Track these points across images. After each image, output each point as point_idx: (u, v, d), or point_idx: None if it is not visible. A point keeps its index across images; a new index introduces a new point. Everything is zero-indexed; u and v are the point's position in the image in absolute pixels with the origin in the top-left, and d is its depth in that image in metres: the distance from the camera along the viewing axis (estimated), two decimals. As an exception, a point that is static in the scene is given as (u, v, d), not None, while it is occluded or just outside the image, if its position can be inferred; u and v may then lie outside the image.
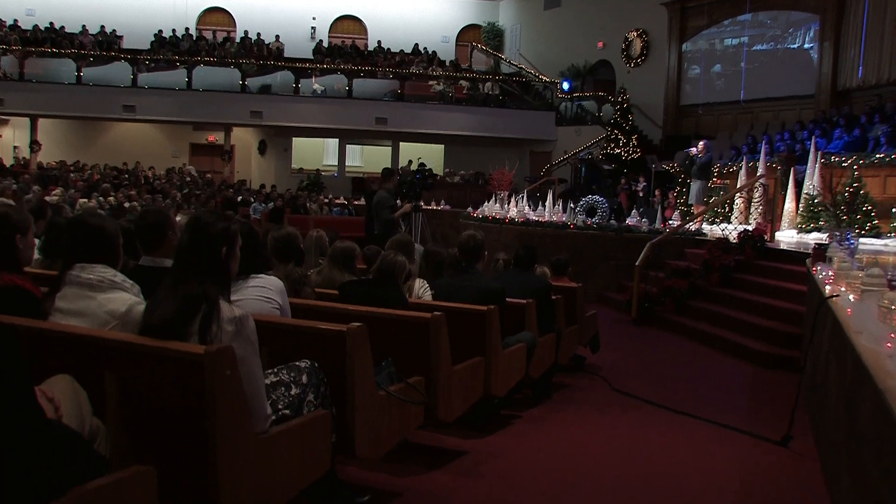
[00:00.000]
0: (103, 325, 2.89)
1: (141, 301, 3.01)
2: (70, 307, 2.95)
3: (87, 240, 3.04)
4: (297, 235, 4.84)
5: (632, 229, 12.28)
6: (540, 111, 26.33)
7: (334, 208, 21.36)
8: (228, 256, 2.91)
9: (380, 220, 9.83)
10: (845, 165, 13.83)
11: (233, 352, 2.59)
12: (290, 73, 25.79)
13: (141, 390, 2.68)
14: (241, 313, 2.80)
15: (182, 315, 2.70)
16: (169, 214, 4.02)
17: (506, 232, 13.19)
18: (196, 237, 2.85)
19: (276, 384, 3.11)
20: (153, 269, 3.87)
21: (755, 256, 10.47)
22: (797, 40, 21.46)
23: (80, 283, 2.97)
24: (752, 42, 22.55)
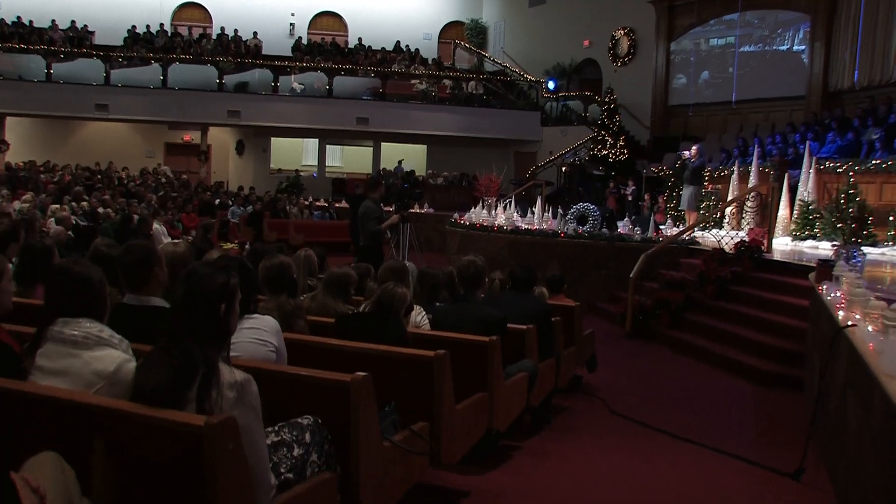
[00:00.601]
0: (89, 386, 2.70)
1: (130, 358, 2.82)
2: (52, 366, 2.76)
3: (70, 291, 2.84)
4: (290, 265, 4.65)
5: (624, 238, 12.17)
6: (525, 111, 26.18)
7: (315, 212, 21.13)
8: (228, 313, 2.72)
9: (366, 231, 9.64)
10: (840, 171, 13.79)
11: (235, 422, 2.41)
12: (269, 71, 25.47)
13: (133, 462, 2.50)
14: (243, 377, 2.62)
15: (178, 380, 2.51)
16: (155, 249, 3.83)
17: (494, 240, 13.03)
18: (192, 293, 2.66)
19: (277, 444, 2.93)
20: (138, 309, 3.68)
21: (752, 268, 10.38)
22: (787, 41, 21.44)
23: (63, 339, 2.77)
24: (742, 42, 22.51)
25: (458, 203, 23.76)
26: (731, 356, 8.83)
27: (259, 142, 27.18)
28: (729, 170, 16.91)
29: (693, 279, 10.62)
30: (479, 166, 27.12)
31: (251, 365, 3.33)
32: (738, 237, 11.09)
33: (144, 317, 3.65)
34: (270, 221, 19.50)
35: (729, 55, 22.92)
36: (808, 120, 18.84)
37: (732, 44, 22.90)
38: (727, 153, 18.70)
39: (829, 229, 13.04)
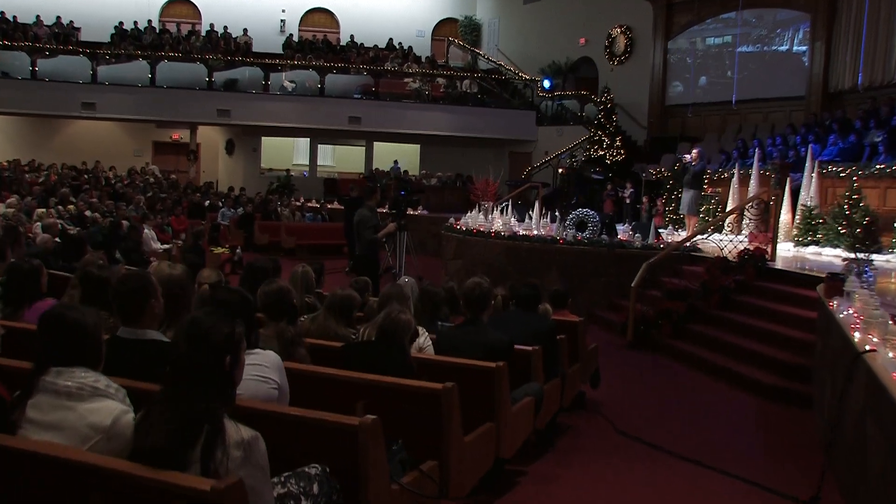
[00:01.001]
0: (84, 441, 2.57)
1: (128, 409, 2.68)
2: (44, 419, 2.62)
3: (63, 340, 2.71)
4: (290, 290, 4.52)
5: (624, 245, 12.06)
6: (520, 110, 26.07)
7: (307, 213, 20.96)
8: (233, 365, 2.59)
9: (362, 239, 9.51)
10: (843, 176, 13.71)
11: (243, 486, 2.29)
12: (259, 69, 25.29)
13: (131, 527, 2.37)
14: (251, 435, 2.49)
15: (181, 440, 2.38)
16: (151, 279, 3.69)
17: (491, 246, 12.91)
18: (195, 347, 2.52)
19: (284, 497, 2.81)
20: (133, 343, 3.55)
21: (756, 277, 10.29)
22: (786, 40, 21.38)
23: (56, 391, 2.64)
24: (741, 41, 22.43)
25: (452, 204, 23.63)
26: (735, 369, 8.74)
27: (249, 141, 27.00)
28: (728, 172, 16.84)
29: (695, 288, 10.52)
30: (474, 166, 27.00)
31: (253, 406, 3.21)
32: (740, 243, 10.97)
33: (140, 351, 3.52)
34: (261, 224, 19.35)
35: (727, 54, 22.84)
36: (808, 121, 18.76)
37: (731, 43, 22.82)
38: (726, 155, 18.63)
39: (832, 235, 12.96)
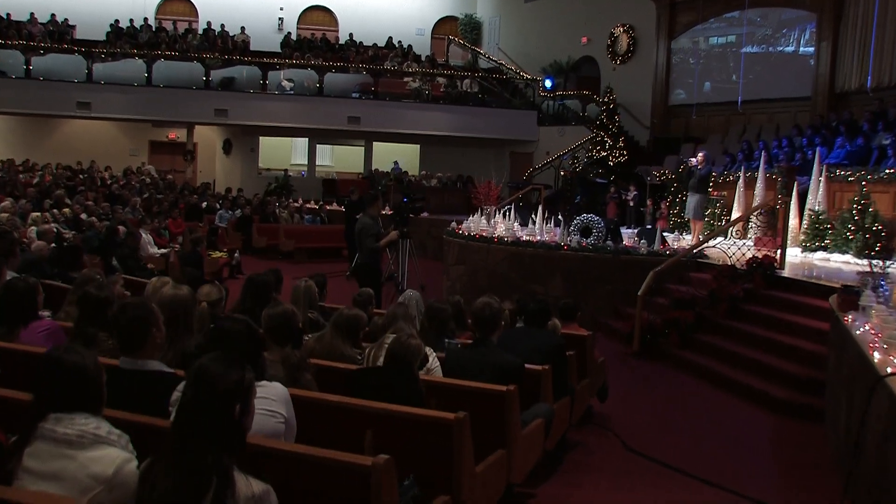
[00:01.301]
0: (85, 491, 2.46)
1: (132, 457, 2.58)
2: (43, 468, 2.51)
3: (63, 385, 2.60)
4: (295, 313, 4.42)
5: (630, 251, 11.95)
6: (521, 110, 25.94)
7: (306, 215, 20.84)
8: (243, 414, 2.48)
9: (363, 248, 9.40)
10: (851, 180, 13.62)
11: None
12: (257, 69, 25.17)
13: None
14: (262, 489, 2.38)
15: (188, 493, 2.27)
16: (152, 308, 3.58)
17: (494, 252, 12.80)
18: (203, 395, 2.41)
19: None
20: (133, 374, 3.45)
21: (765, 286, 10.19)
22: (792, 40, 21.28)
23: (55, 438, 2.53)
24: (746, 40, 22.34)
25: (453, 206, 23.53)
26: (745, 382, 8.65)
27: (247, 141, 26.88)
28: (734, 175, 16.74)
29: (703, 296, 10.42)
30: (475, 167, 26.97)
31: (259, 443, 3.10)
32: (747, 249, 10.85)
33: (141, 383, 3.42)
34: (259, 226, 19.23)
35: (731, 54, 22.75)
36: (814, 122, 18.68)
37: (735, 43, 22.73)
38: (731, 157, 18.53)
39: (840, 241, 12.88)
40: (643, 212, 18.39)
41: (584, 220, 12.46)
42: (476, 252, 13.13)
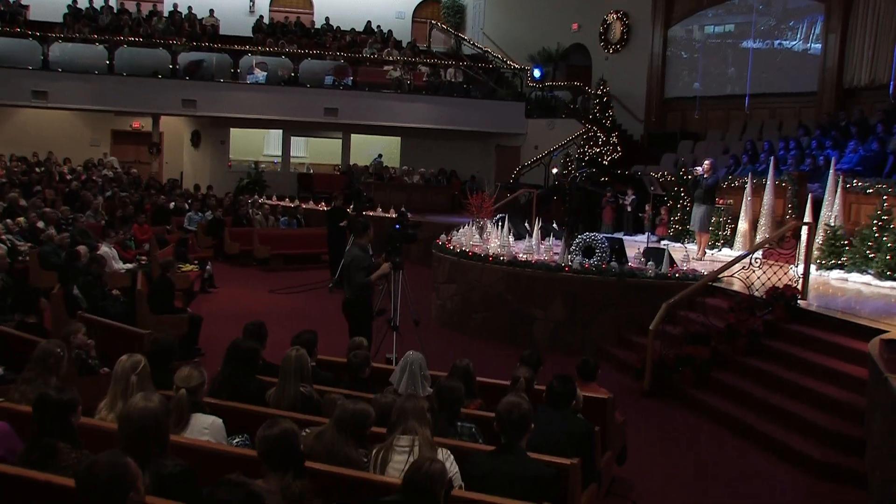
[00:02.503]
0: None
1: None
2: None
3: None
4: (296, 434, 3.87)
5: (636, 274, 11.47)
6: (508, 101, 25.35)
7: (281, 217, 20.19)
8: None
9: (353, 283, 8.85)
10: (871, 192, 13.19)
11: None
12: (227, 56, 24.42)
13: None
14: None
15: None
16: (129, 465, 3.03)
17: (489, 272, 12.28)
18: None
19: None
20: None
21: (787, 318, 9.75)
22: (797, 31, 20.86)
23: None
24: (746, 30, 21.92)
25: (436, 204, 23.04)
26: (768, 432, 8.21)
27: (217, 133, 26.13)
28: (740, 181, 16.31)
29: (719, 327, 9.97)
30: (459, 161, 26.48)
31: None
32: (766, 277, 10.37)
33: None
34: (232, 231, 18.59)
35: (731, 45, 22.34)
36: (822, 122, 18.30)
37: (735, 32, 22.31)
38: (735, 158, 18.09)
39: (859, 260, 12.47)
40: (642, 217, 17.93)
41: (587, 240, 11.96)
42: (469, 271, 12.61)
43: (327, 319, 11.99)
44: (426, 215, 21.37)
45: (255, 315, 13.67)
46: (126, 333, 7.96)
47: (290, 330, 12.44)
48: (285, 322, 12.82)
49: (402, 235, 9.29)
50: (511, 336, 12.04)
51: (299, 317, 13.38)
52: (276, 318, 13.24)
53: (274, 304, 14.56)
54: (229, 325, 12.52)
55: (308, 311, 13.88)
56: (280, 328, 12.62)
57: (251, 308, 14.01)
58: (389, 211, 20.62)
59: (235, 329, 12.36)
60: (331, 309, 13.07)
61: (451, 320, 13.03)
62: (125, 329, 8.02)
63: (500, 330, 12.19)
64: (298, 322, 12.87)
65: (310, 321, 13.08)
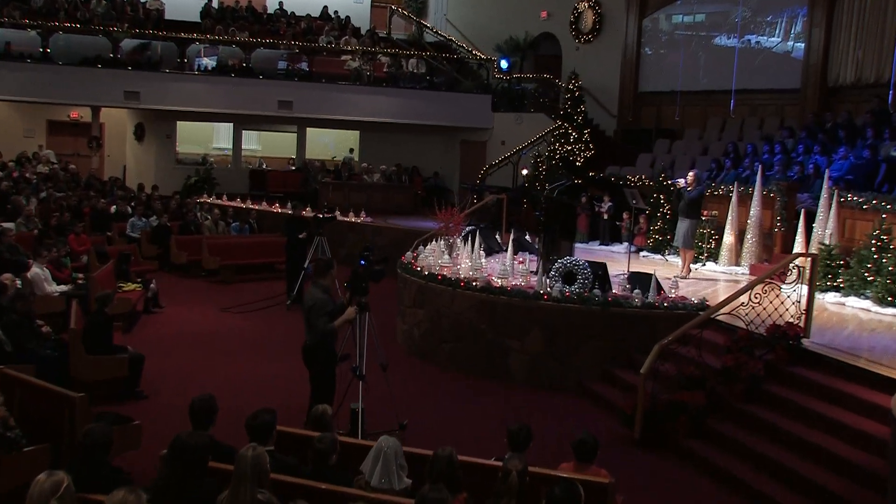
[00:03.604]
0: None
1: None
2: None
3: None
4: None
5: (621, 303, 10.85)
6: (473, 94, 24.65)
7: (232, 223, 19.31)
8: None
9: (314, 329, 8.12)
10: (867, 208, 12.70)
11: None
12: (173, 45, 23.37)
13: None
14: None
15: None
16: None
17: (460, 298, 11.57)
18: None
19: None
20: None
21: (789, 360, 9.20)
22: (780, 25, 20.40)
23: None
24: (727, 22, 21.41)
25: (397, 205, 22.37)
26: (770, 494, 7.65)
27: (162, 126, 24.99)
28: (724, 188, 15.80)
29: (715, 368, 9.40)
30: (421, 156, 25.78)
31: None
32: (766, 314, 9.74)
33: None
34: (179, 239, 17.68)
35: (710, 37, 21.81)
36: (808, 123, 17.93)
37: (714, 24, 21.80)
38: (717, 162, 17.57)
39: (857, 283, 11.99)
40: (619, 226, 17.36)
41: (567, 265, 11.32)
42: (438, 296, 11.91)
43: (287, 349, 11.28)
44: (388, 218, 20.72)
45: (205, 340, 12.94)
46: (53, 396, 7.14)
47: (247, 361, 11.77)
48: (240, 352, 12.07)
49: (368, 273, 8.55)
50: (485, 369, 11.39)
51: (256, 344, 12.61)
52: (229, 345, 12.50)
53: (226, 325, 13.76)
54: (176, 354, 11.77)
55: (266, 336, 13.13)
56: (235, 360, 11.88)
57: (200, 332, 13.22)
58: (349, 214, 19.86)
59: (183, 361, 11.65)
60: (290, 331, 12.35)
61: (419, 348, 12.34)
62: (53, 391, 7.19)
63: (472, 362, 11.53)
64: (255, 352, 12.14)
65: (268, 347, 12.38)
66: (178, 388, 10.06)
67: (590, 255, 16.04)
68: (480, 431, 9.14)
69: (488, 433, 8.78)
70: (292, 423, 8.42)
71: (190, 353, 11.88)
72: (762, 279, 9.60)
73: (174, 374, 10.79)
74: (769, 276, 9.64)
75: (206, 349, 12.17)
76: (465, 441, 8.87)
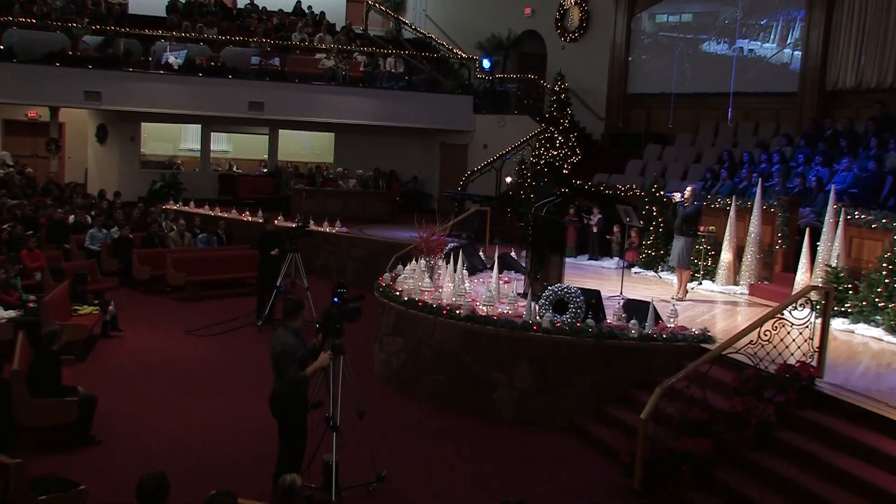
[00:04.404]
0: None
1: None
2: None
3: None
4: None
5: (617, 334, 10.24)
6: (454, 95, 24.08)
7: (199, 234, 18.56)
8: None
9: (284, 378, 7.45)
10: (876, 227, 12.15)
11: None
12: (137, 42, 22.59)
13: None
14: None
15: None
16: None
17: (442, 328, 10.92)
18: None
19: None
20: None
21: (802, 403, 8.63)
22: (777, 27, 19.89)
23: None
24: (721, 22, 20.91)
25: (375, 213, 21.83)
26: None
27: (126, 127, 24.13)
28: (720, 201, 15.25)
29: (721, 409, 8.81)
30: (400, 160, 25.20)
31: None
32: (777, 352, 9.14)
33: None
34: (141, 253, 16.93)
35: (703, 37, 21.27)
36: (806, 129, 17.45)
37: (707, 24, 21.28)
38: (711, 172, 17.06)
39: (868, 310, 11.44)
40: (609, 240, 16.77)
41: (559, 292, 10.70)
42: (419, 324, 11.26)
43: (256, 380, 10.62)
44: (365, 228, 20.10)
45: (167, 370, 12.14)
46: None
47: (212, 396, 11.02)
48: (206, 385, 11.34)
49: (342, 313, 7.89)
50: (470, 404, 10.75)
51: (223, 374, 11.87)
52: (194, 376, 11.76)
53: (192, 351, 13.03)
54: (136, 387, 11.03)
55: (234, 364, 12.44)
56: (200, 395, 11.11)
57: (163, 360, 12.47)
58: (323, 224, 19.19)
59: (142, 398, 10.87)
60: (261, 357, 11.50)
61: (398, 379, 11.69)
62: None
63: (456, 396, 10.88)
64: (222, 384, 11.38)
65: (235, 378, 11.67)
66: (136, 432, 9.43)
67: (578, 270, 15.58)
68: (465, 485, 8.56)
69: (474, 486, 8.20)
70: (261, 475, 7.83)
71: (150, 387, 11.15)
72: (772, 315, 9.00)
73: (131, 413, 10.07)
74: (779, 311, 9.04)
75: (169, 381, 11.44)
76: (448, 498, 8.29)
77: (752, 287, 13.89)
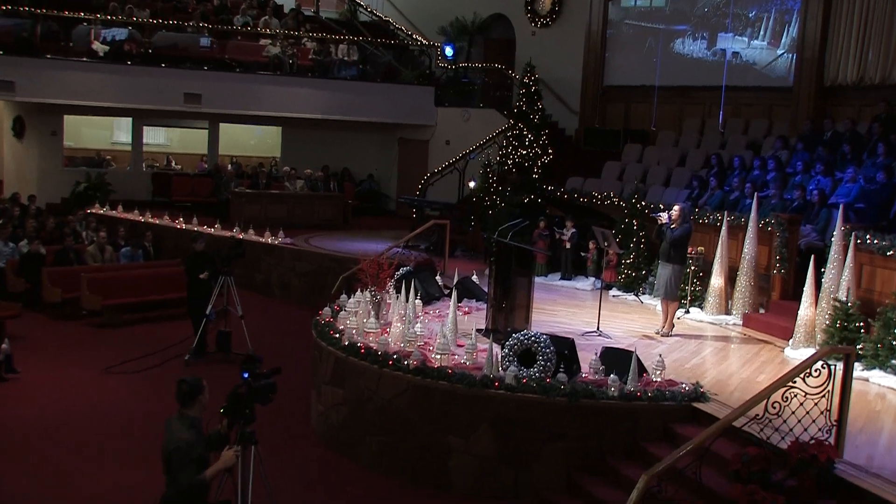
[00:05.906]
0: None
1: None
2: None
3: None
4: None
5: (594, 393, 8.97)
6: (414, 85, 23.02)
7: (122, 247, 17.09)
8: None
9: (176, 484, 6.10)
10: (892, 254, 10.94)
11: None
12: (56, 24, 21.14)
13: None
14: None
15: None
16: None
17: (387, 381, 9.60)
18: None
19: None
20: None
21: (817, 493, 7.41)
22: (770, 16, 18.80)
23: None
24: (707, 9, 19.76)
25: (324, 218, 20.60)
26: None
27: (46, 121, 22.56)
28: (709, 216, 14.06)
29: (718, 495, 7.60)
30: (354, 157, 24.03)
31: None
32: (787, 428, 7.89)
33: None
34: (52, 271, 15.44)
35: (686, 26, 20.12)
36: (803, 131, 16.37)
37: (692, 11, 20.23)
38: (699, 180, 15.90)
39: (883, 353, 10.25)
40: (584, 257, 15.52)
41: (525, 340, 9.42)
42: (362, 374, 9.93)
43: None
44: (312, 236, 18.81)
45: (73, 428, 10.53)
46: None
47: (131, 466, 9.40)
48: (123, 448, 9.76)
49: (253, 393, 6.54)
50: (419, 472, 9.46)
51: (146, 429, 10.07)
52: (109, 433, 10.16)
53: (107, 396, 11.47)
54: (31, 458, 9.45)
55: (160, 413, 10.89)
56: (114, 464, 9.45)
57: (68, 412, 10.86)
58: (265, 234, 17.84)
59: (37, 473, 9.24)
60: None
61: (338, 438, 10.36)
62: None
63: (403, 462, 9.58)
64: (144, 445, 9.66)
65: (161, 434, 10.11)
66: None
67: (549, 293, 14.46)
68: None
69: None
70: None
71: (49, 457, 9.52)
72: (783, 383, 7.76)
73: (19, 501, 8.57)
74: (791, 379, 7.79)
75: (75, 446, 9.78)
76: None
77: (745, 317, 12.74)
